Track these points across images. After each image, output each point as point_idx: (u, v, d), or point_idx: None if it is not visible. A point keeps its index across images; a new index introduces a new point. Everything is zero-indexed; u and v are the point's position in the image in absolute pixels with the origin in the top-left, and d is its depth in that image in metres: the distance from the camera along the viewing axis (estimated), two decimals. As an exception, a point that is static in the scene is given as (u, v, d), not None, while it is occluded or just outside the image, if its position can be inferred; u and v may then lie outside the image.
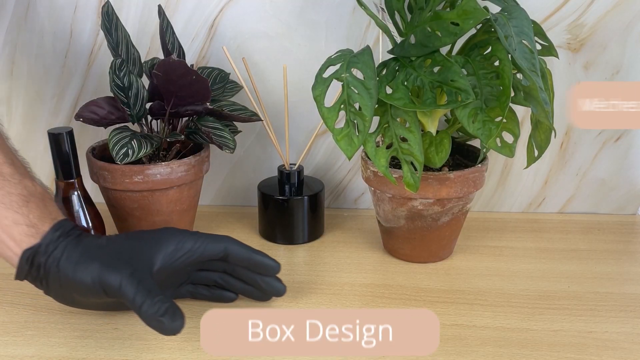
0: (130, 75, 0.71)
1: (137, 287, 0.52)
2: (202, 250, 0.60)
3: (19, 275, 0.56)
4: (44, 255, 0.55)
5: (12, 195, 0.56)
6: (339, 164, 0.90)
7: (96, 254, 0.55)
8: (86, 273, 0.54)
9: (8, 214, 0.55)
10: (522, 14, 0.65)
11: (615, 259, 0.76)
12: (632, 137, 0.85)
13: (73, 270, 0.54)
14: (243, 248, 0.61)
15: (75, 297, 0.56)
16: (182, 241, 0.59)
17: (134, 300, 0.52)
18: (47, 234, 0.55)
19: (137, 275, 0.54)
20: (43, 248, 0.55)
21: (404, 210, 0.71)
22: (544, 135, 0.71)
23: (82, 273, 0.54)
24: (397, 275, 0.72)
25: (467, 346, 0.59)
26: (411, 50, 0.66)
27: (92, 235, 0.58)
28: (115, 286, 0.53)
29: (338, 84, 0.65)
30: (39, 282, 0.56)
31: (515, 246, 0.80)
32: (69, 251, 0.55)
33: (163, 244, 0.58)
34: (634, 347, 0.59)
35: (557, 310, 0.65)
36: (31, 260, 0.55)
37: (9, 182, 0.56)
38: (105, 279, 0.53)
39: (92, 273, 0.54)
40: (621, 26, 0.80)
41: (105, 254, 0.56)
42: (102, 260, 0.55)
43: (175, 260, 0.58)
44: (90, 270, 0.54)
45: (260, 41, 0.84)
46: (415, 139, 0.64)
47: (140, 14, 0.84)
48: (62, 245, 0.55)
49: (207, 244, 0.60)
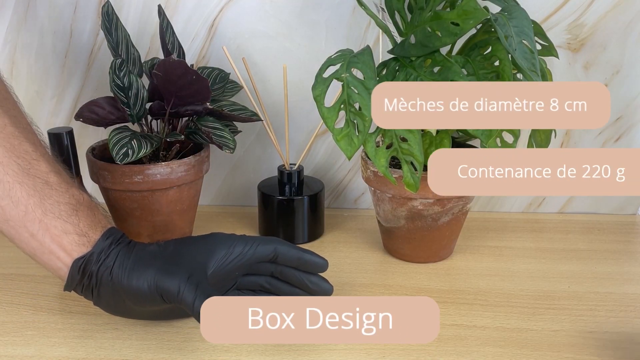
0: (130, 75, 0.71)
1: (196, 292, 0.52)
2: (253, 252, 0.59)
3: (68, 286, 0.55)
4: (96, 264, 0.54)
5: (61, 204, 0.55)
6: (339, 164, 0.90)
7: (150, 261, 0.55)
8: (142, 280, 0.53)
9: (57, 224, 0.54)
10: (522, 14, 0.65)
11: (616, 259, 0.76)
12: (632, 137, 0.85)
13: (128, 277, 0.54)
14: (292, 248, 0.61)
15: (129, 305, 0.56)
16: (232, 245, 0.58)
17: (194, 305, 0.51)
18: (99, 242, 0.55)
19: (194, 279, 0.53)
20: (95, 256, 0.55)
21: (404, 210, 0.71)
22: (544, 135, 0.71)
23: (138, 280, 0.53)
24: (397, 275, 0.72)
25: (467, 346, 0.59)
26: (411, 50, 0.66)
27: (142, 243, 0.58)
28: (173, 292, 0.52)
29: (338, 84, 0.65)
30: (89, 292, 0.56)
31: (516, 246, 0.80)
32: (121, 258, 0.55)
33: (215, 248, 0.58)
34: (635, 348, 0.59)
35: (557, 310, 0.65)
36: (83, 269, 0.54)
37: (57, 191, 0.55)
38: (163, 285, 0.53)
39: (148, 279, 0.53)
40: (621, 26, 0.80)
41: (160, 260, 0.55)
42: (157, 267, 0.54)
43: (227, 265, 0.58)
44: (145, 276, 0.53)
45: (260, 41, 0.84)
46: (415, 139, 0.64)
47: (140, 14, 0.84)
48: (114, 253, 0.55)
49: (257, 246, 0.59)
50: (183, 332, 0.61)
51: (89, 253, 0.55)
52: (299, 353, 0.58)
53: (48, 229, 0.54)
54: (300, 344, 0.59)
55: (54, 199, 0.55)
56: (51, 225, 0.54)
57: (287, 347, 0.59)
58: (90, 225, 0.56)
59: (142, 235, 0.75)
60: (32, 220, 0.54)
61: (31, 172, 0.55)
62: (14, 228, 0.54)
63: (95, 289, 0.55)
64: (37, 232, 0.54)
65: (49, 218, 0.54)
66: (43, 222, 0.54)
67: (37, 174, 0.55)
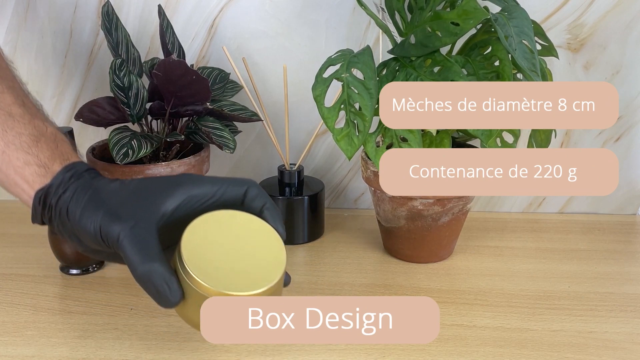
0: (130, 75, 0.71)
1: (135, 246, 0.48)
2: (222, 194, 0.53)
3: (34, 218, 0.54)
4: (55, 197, 0.52)
5: (23, 135, 0.54)
6: (339, 164, 0.90)
7: (103, 201, 0.51)
8: (90, 221, 0.50)
9: (19, 155, 0.53)
10: (523, 14, 0.65)
11: (616, 259, 0.76)
12: (632, 137, 0.85)
13: (79, 216, 0.51)
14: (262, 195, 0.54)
15: (85, 244, 0.53)
16: (199, 186, 0.53)
17: (130, 260, 0.48)
18: (58, 175, 0.53)
19: (138, 230, 0.49)
20: (54, 189, 0.52)
21: (404, 210, 0.71)
22: (544, 135, 0.71)
23: (87, 220, 0.51)
24: (397, 276, 0.72)
25: (467, 346, 0.59)
26: (411, 50, 0.66)
27: (106, 179, 0.54)
28: (114, 238, 0.49)
29: (338, 84, 0.65)
30: (53, 225, 0.54)
31: (516, 246, 0.80)
32: (78, 195, 0.52)
33: (179, 190, 0.52)
34: (635, 348, 0.59)
35: (557, 311, 0.65)
36: (43, 202, 0.53)
37: (19, 122, 0.54)
38: (106, 230, 0.50)
39: (94, 222, 0.50)
40: (621, 26, 0.80)
41: (114, 200, 0.51)
42: (106, 209, 0.51)
43: (188, 210, 0.52)
44: (94, 218, 0.50)
45: (260, 41, 0.84)
46: (415, 139, 0.64)
47: (140, 14, 0.84)
48: (72, 188, 0.52)
49: (227, 187, 0.53)
50: (183, 332, 0.61)
51: (47, 185, 0.53)
52: (299, 353, 0.58)
53: (11, 161, 0.53)
54: (300, 344, 0.59)
55: (16, 131, 0.54)
56: (13, 157, 0.53)
57: (287, 347, 0.59)
58: (50, 157, 0.54)
59: (142, 235, 0.75)
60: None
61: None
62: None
63: (55, 221, 0.53)
64: (1, 164, 0.53)
65: (11, 149, 0.53)
66: (5, 154, 0.53)
67: (0, 106, 0.54)
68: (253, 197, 0.54)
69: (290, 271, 0.74)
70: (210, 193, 0.53)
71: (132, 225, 0.49)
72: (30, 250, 0.78)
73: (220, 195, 0.53)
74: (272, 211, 0.54)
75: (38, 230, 0.80)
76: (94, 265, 0.73)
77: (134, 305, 0.66)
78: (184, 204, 0.52)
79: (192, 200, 0.52)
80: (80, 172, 0.54)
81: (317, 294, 0.68)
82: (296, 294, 0.68)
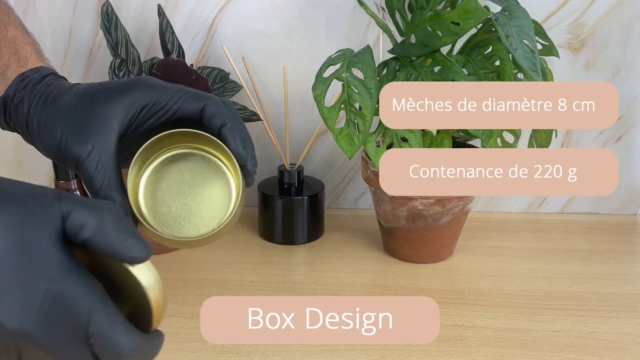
0: (130, 75, 0.71)
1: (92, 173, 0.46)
2: (176, 109, 0.49)
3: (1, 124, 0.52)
4: (12, 107, 0.50)
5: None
6: (339, 164, 0.90)
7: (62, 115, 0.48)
8: (48, 140, 0.48)
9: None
10: (523, 14, 0.65)
11: (616, 260, 0.76)
12: (632, 137, 0.85)
13: (37, 133, 0.49)
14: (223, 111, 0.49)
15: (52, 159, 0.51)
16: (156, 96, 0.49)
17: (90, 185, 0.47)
18: (12, 84, 0.50)
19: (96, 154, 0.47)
20: (9, 99, 0.50)
21: (405, 211, 0.71)
22: (544, 134, 0.71)
23: (45, 139, 0.48)
24: (397, 276, 0.72)
25: (467, 346, 0.59)
26: (412, 50, 0.66)
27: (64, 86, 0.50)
28: (73, 163, 0.47)
29: (338, 84, 0.65)
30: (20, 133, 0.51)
31: (516, 246, 0.80)
32: (34, 108, 0.49)
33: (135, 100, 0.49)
34: (635, 348, 0.59)
35: (558, 311, 0.65)
36: (3, 111, 0.50)
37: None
38: (64, 152, 0.47)
39: (52, 142, 0.48)
40: (622, 26, 0.80)
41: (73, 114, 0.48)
42: (63, 128, 0.48)
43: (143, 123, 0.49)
44: (54, 134, 0.48)
45: (260, 41, 0.84)
46: (415, 139, 0.64)
47: (140, 13, 0.83)
48: (27, 99, 0.49)
49: (185, 100, 0.49)
50: (183, 332, 0.61)
51: (4, 95, 0.50)
52: (299, 353, 0.58)
53: None
54: (300, 344, 0.58)
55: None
56: None
57: (287, 347, 0.58)
58: (7, 63, 0.51)
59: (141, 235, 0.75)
60: None
61: None
62: None
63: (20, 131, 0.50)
64: None
65: None
66: None
67: None
68: (211, 115, 0.49)
69: (290, 271, 0.74)
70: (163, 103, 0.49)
71: (89, 150, 0.47)
72: (30, 250, 0.78)
73: (175, 110, 0.49)
74: (233, 131, 0.49)
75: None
76: (94, 265, 0.73)
77: (133, 305, 0.66)
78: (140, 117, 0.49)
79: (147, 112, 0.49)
80: (36, 81, 0.51)
81: (317, 294, 0.68)
82: (296, 294, 0.68)
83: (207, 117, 0.48)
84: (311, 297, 0.66)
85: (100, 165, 0.47)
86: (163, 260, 0.76)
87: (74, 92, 0.49)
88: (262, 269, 0.73)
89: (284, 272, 0.73)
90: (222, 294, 0.67)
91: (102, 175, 0.47)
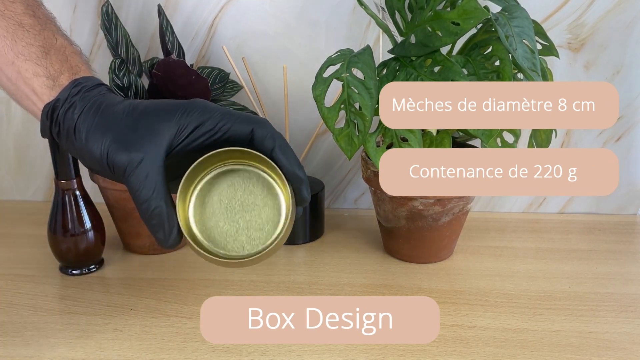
0: (130, 75, 0.71)
1: (142, 182, 0.47)
2: (227, 129, 0.50)
3: (43, 132, 0.52)
4: (62, 112, 0.50)
5: (32, 47, 0.52)
6: (339, 164, 0.90)
7: (111, 125, 0.49)
8: (96, 145, 0.49)
9: (28, 67, 0.52)
10: (523, 14, 0.65)
11: (616, 260, 0.76)
12: (632, 137, 0.85)
13: (85, 138, 0.49)
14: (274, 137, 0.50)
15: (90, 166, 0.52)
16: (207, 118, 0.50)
17: (135, 195, 0.48)
18: (65, 89, 0.51)
19: (145, 165, 0.48)
20: (60, 104, 0.51)
21: (405, 211, 0.71)
22: (544, 134, 0.71)
23: (93, 144, 0.49)
24: (397, 276, 0.72)
25: (467, 346, 0.59)
26: (412, 50, 0.66)
27: (116, 98, 0.52)
28: (120, 170, 0.48)
29: (338, 84, 0.65)
30: (62, 140, 0.52)
31: (516, 246, 0.80)
32: (85, 114, 0.50)
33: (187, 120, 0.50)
34: (635, 348, 0.59)
35: (557, 311, 0.65)
36: (50, 116, 0.51)
37: (30, 33, 0.53)
38: (112, 159, 0.48)
39: (101, 148, 0.49)
40: (622, 26, 0.80)
41: (122, 124, 0.49)
42: (114, 135, 0.49)
43: (192, 142, 0.50)
44: (100, 143, 0.49)
45: (260, 41, 0.84)
46: (415, 139, 0.64)
47: (140, 13, 0.83)
48: (79, 105, 0.50)
49: (233, 123, 0.50)
50: (183, 332, 0.61)
51: (54, 99, 0.51)
52: (299, 353, 0.58)
53: (20, 72, 0.52)
54: (300, 344, 0.59)
55: (26, 41, 0.52)
56: (22, 68, 0.52)
57: (287, 347, 0.58)
58: (59, 69, 0.52)
59: (142, 235, 0.75)
60: (7, 63, 0.52)
61: (6, 14, 0.53)
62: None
63: (63, 138, 0.51)
64: (11, 75, 0.52)
65: (20, 60, 0.52)
66: (15, 65, 0.52)
67: (11, 16, 0.53)
68: (262, 137, 0.50)
69: (290, 271, 0.74)
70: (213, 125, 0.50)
71: (140, 160, 0.48)
72: (30, 250, 0.78)
73: (225, 131, 0.50)
74: (287, 153, 0.50)
75: (38, 231, 0.81)
76: (94, 265, 0.73)
77: (133, 305, 0.66)
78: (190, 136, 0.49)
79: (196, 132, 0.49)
80: (89, 88, 0.52)
81: (317, 294, 0.68)
82: (296, 294, 0.68)
83: (257, 139, 0.50)
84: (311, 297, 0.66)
85: (150, 175, 0.48)
86: (163, 260, 0.76)
87: (127, 104, 0.51)
88: (262, 269, 0.73)
89: (284, 272, 0.73)
90: (222, 294, 0.67)
91: (152, 184, 0.48)
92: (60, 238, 0.70)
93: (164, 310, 0.65)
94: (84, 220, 0.70)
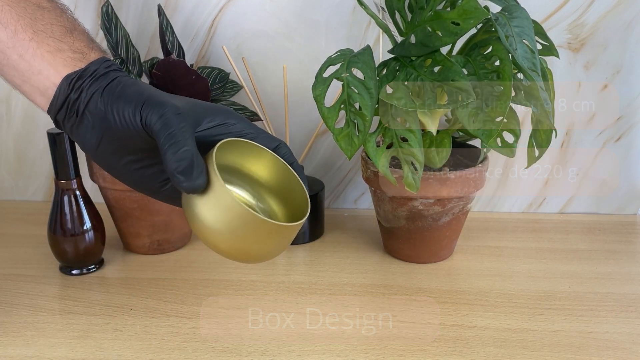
0: (130, 75, 0.71)
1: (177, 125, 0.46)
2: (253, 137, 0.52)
3: (53, 106, 0.50)
4: (89, 80, 0.49)
5: (54, 25, 0.51)
6: (339, 164, 0.90)
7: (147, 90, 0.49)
8: (131, 99, 0.48)
9: (50, 42, 0.50)
10: (523, 14, 0.65)
11: (616, 259, 0.76)
12: (632, 137, 0.85)
13: (118, 95, 0.48)
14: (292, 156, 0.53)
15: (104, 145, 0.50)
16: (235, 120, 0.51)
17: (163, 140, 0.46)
18: (96, 61, 0.50)
19: (182, 117, 0.47)
20: (89, 72, 0.50)
21: (405, 211, 0.71)
22: (544, 135, 0.71)
23: (127, 99, 0.48)
24: (397, 276, 0.72)
25: (467, 346, 0.59)
26: (411, 50, 0.66)
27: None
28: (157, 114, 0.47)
29: (338, 84, 0.65)
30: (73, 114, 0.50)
31: (516, 246, 0.80)
32: (116, 83, 0.49)
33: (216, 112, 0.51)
34: (635, 348, 0.59)
35: (557, 311, 0.65)
36: (73, 85, 0.49)
37: (51, 13, 0.51)
38: (150, 106, 0.47)
39: (136, 99, 0.48)
40: (622, 26, 0.80)
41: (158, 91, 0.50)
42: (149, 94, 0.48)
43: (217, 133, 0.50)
44: (136, 97, 0.48)
45: (260, 41, 0.84)
46: (415, 139, 0.64)
47: (140, 13, 0.83)
48: (111, 75, 0.50)
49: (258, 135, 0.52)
50: (183, 332, 0.61)
51: (83, 68, 0.50)
52: (299, 353, 0.58)
53: (39, 47, 0.50)
54: (300, 344, 0.59)
55: (47, 21, 0.51)
56: (43, 43, 0.50)
57: (287, 347, 0.58)
58: (87, 45, 0.51)
59: (142, 235, 0.75)
60: (22, 40, 0.50)
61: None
62: (2, 51, 0.50)
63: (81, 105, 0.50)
64: (26, 52, 0.50)
65: (40, 37, 0.50)
66: (34, 41, 0.50)
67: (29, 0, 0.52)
68: (283, 155, 0.53)
69: (290, 271, 0.74)
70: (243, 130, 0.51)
71: (176, 112, 0.47)
72: (30, 250, 0.78)
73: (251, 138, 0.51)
74: (299, 171, 0.53)
75: (38, 231, 0.81)
76: (94, 265, 0.73)
77: (133, 305, 0.66)
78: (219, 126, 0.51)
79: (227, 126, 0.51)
80: (118, 67, 0.52)
81: (317, 294, 0.68)
82: (296, 294, 0.68)
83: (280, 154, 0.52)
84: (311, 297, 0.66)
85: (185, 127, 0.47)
86: (163, 260, 0.76)
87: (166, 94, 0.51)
88: (262, 269, 0.73)
89: (284, 272, 0.73)
90: (222, 294, 0.67)
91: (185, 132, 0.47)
92: (60, 238, 0.70)
93: (164, 310, 0.65)
94: (84, 220, 0.70)
